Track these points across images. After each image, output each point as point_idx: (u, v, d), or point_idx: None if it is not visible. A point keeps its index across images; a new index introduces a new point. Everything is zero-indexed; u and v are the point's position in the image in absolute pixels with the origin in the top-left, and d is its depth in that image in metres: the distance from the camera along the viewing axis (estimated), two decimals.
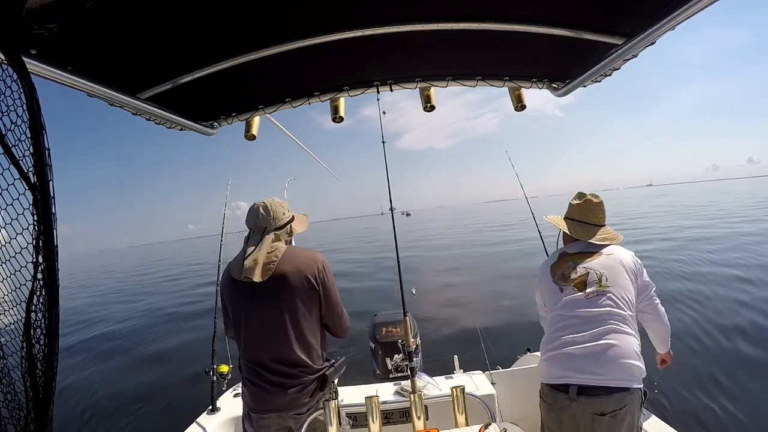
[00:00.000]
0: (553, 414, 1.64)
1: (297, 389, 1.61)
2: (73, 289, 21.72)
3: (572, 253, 1.81)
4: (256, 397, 1.65)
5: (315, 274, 1.64)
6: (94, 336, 9.58)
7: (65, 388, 5.95)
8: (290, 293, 1.61)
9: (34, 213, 0.66)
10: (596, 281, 1.66)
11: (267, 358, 1.62)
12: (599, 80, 1.69)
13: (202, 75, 1.47)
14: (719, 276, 8.51)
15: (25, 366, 0.69)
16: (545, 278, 1.83)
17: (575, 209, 1.93)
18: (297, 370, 1.62)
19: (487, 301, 8.83)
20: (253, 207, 1.74)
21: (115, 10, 1.01)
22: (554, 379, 1.63)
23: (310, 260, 1.67)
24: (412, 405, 1.67)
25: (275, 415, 1.63)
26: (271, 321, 1.62)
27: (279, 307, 1.61)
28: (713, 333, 5.52)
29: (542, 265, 1.91)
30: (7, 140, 0.68)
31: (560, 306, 1.71)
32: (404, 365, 3.00)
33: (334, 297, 1.72)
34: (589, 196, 1.92)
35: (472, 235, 28.72)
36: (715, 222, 19.20)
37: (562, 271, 1.77)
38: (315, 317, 1.67)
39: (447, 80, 1.81)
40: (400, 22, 1.35)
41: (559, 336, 1.66)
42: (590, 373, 1.51)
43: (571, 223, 1.91)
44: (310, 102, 1.88)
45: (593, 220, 1.88)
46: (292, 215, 1.80)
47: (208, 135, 1.97)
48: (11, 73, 0.68)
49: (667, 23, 1.11)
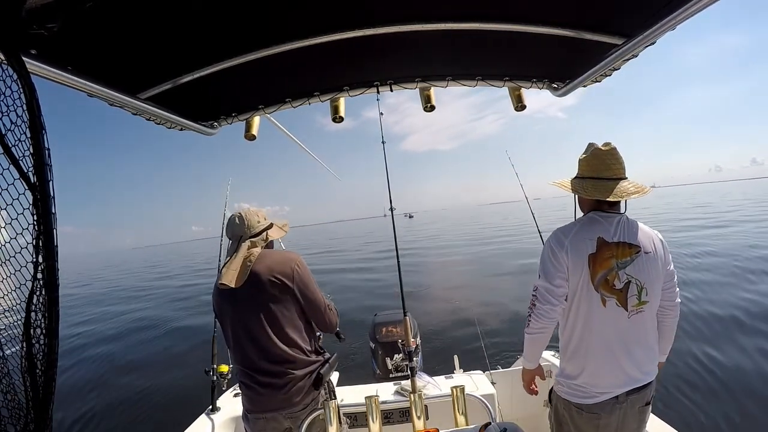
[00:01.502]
0: (598, 422, 1.53)
1: (287, 387, 1.64)
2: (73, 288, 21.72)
3: (612, 244, 1.52)
4: (249, 398, 1.70)
5: (289, 273, 1.67)
6: (93, 335, 9.59)
7: (65, 388, 5.95)
8: (264, 292, 1.65)
9: (34, 213, 0.66)
10: (636, 294, 1.51)
11: (254, 359, 1.66)
12: (599, 80, 1.69)
13: (202, 75, 1.47)
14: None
15: (24, 365, 0.69)
16: (579, 268, 1.51)
17: (584, 165, 1.63)
18: (284, 366, 1.64)
19: (487, 301, 8.82)
20: (230, 218, 1.80)
21: (115, 10, 1.01)
22: (598, 397, 1.52)
23: (284, 260, 1.71)
24: (412, 405, 1.67)
25: (269, 415, 1.67)
26: (251, 322, 1.66)
27: (256, 307, 1.66)
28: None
29: (572, 238, 1.54)
30: (7, 140, 0.68)
31: (601, 320, 1.51)
32: (404, 365, 3.00)
33: (313, 295, 1.73)
34: (596, 146, 1.62)
35: (474, 237, 28.72)
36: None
37: (604, 273, 1.50)
38: (295, 313, 1.70)
39: (447, 80, 1.81)
40: (400, 22, 1.35)
41: (596, 359, 1.52)
42: (635, 380, 1.54)
43: (582, 182, 1.60)
44: (310, 102, 1.88)
45: (607, 173, 1.56)
46: (270, 223, 1.84)
47: (209, 135, 1.97)
48: (11, 73, 0.68)
49: (667, 23, 1.11)
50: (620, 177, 1.57)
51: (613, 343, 1.50)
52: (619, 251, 1.51)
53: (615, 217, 1.57)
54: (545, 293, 1.53)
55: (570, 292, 1.54)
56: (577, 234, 1.55)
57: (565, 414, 1.61)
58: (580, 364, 1.55)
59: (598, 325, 1.51)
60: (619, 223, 1.56)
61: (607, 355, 1.51)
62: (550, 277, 1.54)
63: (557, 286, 1.53)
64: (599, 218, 1.58)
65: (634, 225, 1.58)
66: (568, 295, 1.55)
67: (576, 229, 1.57)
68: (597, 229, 1.55)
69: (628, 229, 1.55)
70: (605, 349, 1.51)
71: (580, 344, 1.55)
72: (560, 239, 1.56)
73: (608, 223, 1.56)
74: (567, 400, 1.59)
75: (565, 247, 1.53)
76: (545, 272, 1.55)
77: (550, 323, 1.55)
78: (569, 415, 1.59)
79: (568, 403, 1.58)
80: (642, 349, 1.54)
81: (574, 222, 1.63)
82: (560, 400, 1.63)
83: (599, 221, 1.57)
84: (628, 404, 1.52)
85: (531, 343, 1.62)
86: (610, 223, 1.56)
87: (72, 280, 28.47)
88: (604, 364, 1.51)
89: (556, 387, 1.68)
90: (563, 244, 1.54)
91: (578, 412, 1.55)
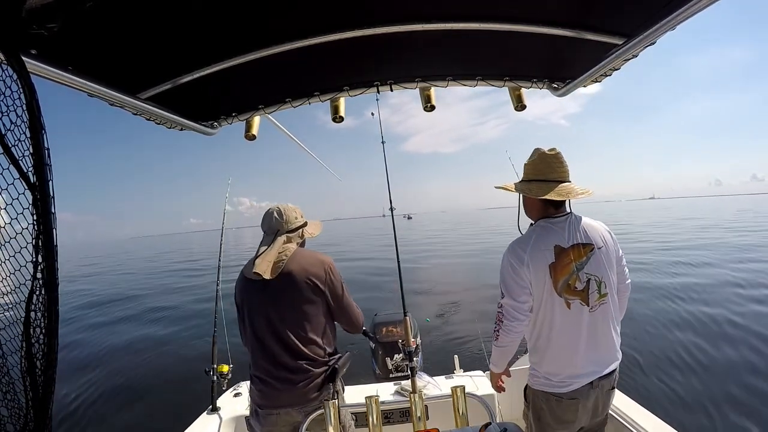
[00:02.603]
0: (577, 406, 1.60)
1: (305, 383, 1.65)
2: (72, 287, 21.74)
3: (568, 249, 1.57)
4: (264, 393, 1.69)
5: (322, 276, 1.70)
6: (91, 334, 9.59)
7: (64, 388, 5.95)
8: (296, 291, 1.66)
9: (33, 213, 0.66)
10: (597, 290, 1.59)
11: (275, 354, 1.67)
12: (599, 80, 1.69)
13: (202, 75, 1.47)
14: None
15: (24, 365, 0.69)
16: (542, 279, 1.56)
17: (530, 168, 1.67)
18: (304, 362, 1.66)
19: (487, 301, 8.84)
20: (267, 211, 1.83)
21: (115, 10, 1.01)
22: (575, 384, 1.59)
23: (318, 262, 1.74)
24: (412, 405, 1.67)
25: (283, 411, 1.67)
26: (278, 318, 1.67)
27: (286, 303, 1.67)
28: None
29: (530, 252, 1.57)
30: (7, 140, 0.68)
31: (567, 321, 1.57)
32: (404, 365, 3.01)
33: (343, 299, 1.77)
34: (542, 150, 1.66)
35: (473, 238, 28.73)
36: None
37: (566, 279, 1.56)
38: (322, 314, 1.72)
39: (447, 80, 1.81)
40: (400, 22, 1.35)
41: (567, 353, 1.60)
42: (604, 367, 1.63)
43: (528, 184, 1.65)
44: (310, 102, 1.88)
45: (552, 175, 1.61)
46: (305, 221, 1.88)
47: (209, 135, 1.98)
48: (11, 73, 0.68)
49: (667, 23, 1.11)
50: (564, 180, 1.63)
51: (581, 338, 1.58)
52: (575, 253, 1.58)
53: (564, 220, 1.63)
54: (511, 310, 1.58)
55: (535, 302, 1.60)
56: (534, 246, 1.59)
57: (544, 406, 1.67)
58: (553, 361, 1.63)
59: (565, 325, 1.58)
60: (569, 225, 1.62)
61: (579, 350, 1.58)
62: (514, 294, 1.58)
63: (522, 302, 1.58)
64: (551, 225, 1.63)
65: (583, 222, 1.65)
66: (533, 306, 1.61)
67: (532, 241, 1.61)
68: (551, 237, 1.59)
69: (578, 229, 1.62)
70: (575, 344, 1.58)
71: (548, 344, 1.62)
72: (519, 255, 1.60)
73: (560, 228, 1.61)
74: (545, 391, 1.65)
75: (526, 262, 1.57)
76: (509, 290, 1.60)
77: (518, 336, 1.62)
78: (548, 407, 1.65)
79: (547, 395, 1.64)
80: (607, 338, 1.63)
81: (528, 233, 1.67)
82: (538, 394, 1.69)
83: (552, 228, 1.62)
84: (599, 388, 1.62)
85: (500, 354, 1.71)
86: (562, 227, 1.61)
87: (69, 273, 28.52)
88: (577, 359, 1.59)
89: (531, 381, 1.74)
90: (523, 259, 1.58)
91: (557, 401, 1.62)
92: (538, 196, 1.60)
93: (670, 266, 11.62)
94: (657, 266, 11.59)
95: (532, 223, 1.73)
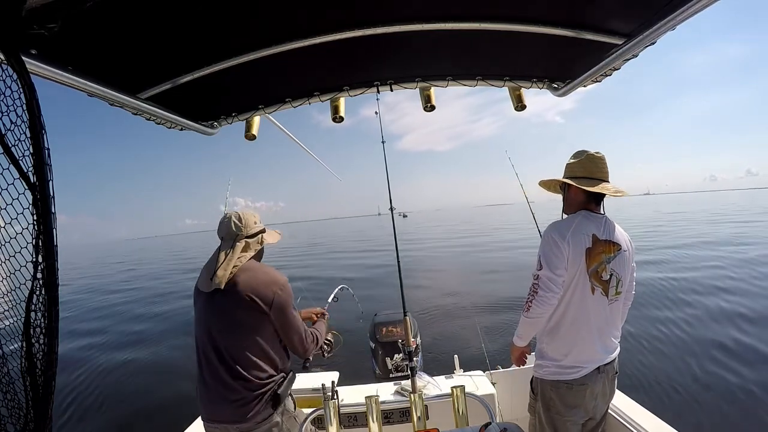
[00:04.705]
0: (586, 391, 1.70)
1: (238, 403, 1.58)
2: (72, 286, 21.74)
3: (602, 241, 1.69)
4: (205, 405, 1.64)
5: (268, 297, 1.61)
6: (91, 335, 9.59)
7: (64, 388, 5.95)
8: (238, 308, 1.60)
9: (33, 212, 0.66)
10: (615, 286, 1.71)
11: (216, 368, 1.60)
12: (599, 80, 1.69)
13: (202, 75, 1.47)
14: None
15: (24, 365, 0.69)
16: (578, 259, 1.66)
17: (577, 166, 1.77)
18: (239, 383, 1.58)
19: (486, 301, 8.84)
20: (224, 217, 1.74)
21: (115, 10, 1.01)
22: (585, 369, 1.70)
23: (268, 281, 1.64)
24: (412, 405, 1.67)
25: (221, 426, 1.61)
26: (218, 332, 1.61)
27: (227, 319, 1.61)
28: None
29: (572, 232, 1.67)
30: (7, 140, 0.68)
31: (590, 305, 1.68)
32: (404, 365, 3.01)
33: (290, 322, 1.67)
34: (589, 152, 1.78)
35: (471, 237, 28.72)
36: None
37: (596, 266, 1.67)
38: (265, 334, 1.64)
39: (447, 80, 1.81)
40: (400, 22, 1.35)
41: (582, 335, 1.70)
42: (610, 354, 1.77)
43: (577, 180, 1.74)
44: (310, 102, 1.88)
45: (598, 174, 1.73)
46: (264, 227, 1.80)
47: (208, 135, 1.97)
48: (11, 73, 0.68)
49: (667, 23, 1.11)
50: (607, 180, 1.76)
51: (597, 325, 1.71)
52: (606, 248, 1.71)
53: (602, 218, 1.77)
54: (548, 282, 1.65)
55: (567, 280, 1.68)
56: (576, 229, 1.70)
57: (553, 395, 1.74)
58: (568, 344, 1.71)
59: (586, 308, 1.69)
60: (605, 223, 1.76)
61: (594, 335, 1.71)
62: (552, 266, 1.65)
63: (559, 275, 1.65)
64: (591, 217, 1.75)
65: (615, 226, 1.78)
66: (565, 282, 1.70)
67: (575, 224, 1.71)
68: (591, 226, 1.72)
69: (611, 229, 1.75)
70: (593, 329, 1.70)
71: (571, 326, 1.71)
72: (562, 232, 1.69)
73: (598, 222, 1.74)
74: (555, 380, 1.74)
75: (567, 239, 1.67)
76: (548, 262, 1.67)
77: (549, 309, 1.68)
78: (558, 395, 1.73)
79: (557, 383, 1.73)
80: (614, 330, 1.79)
81: (570, 217, 1.77)
82: (546, 383, 1.77)
83: (592, 219, 1.74)
84: (605, 373, 1.75)
85: (528, 326, 1.76)
86: (600, 222, 1.74)
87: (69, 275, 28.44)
88: (590, 343, 1.70)
89: (539, 373, 1.80)
90: (565, 236, 1.67)
91: (568, 388, 1.71)
92: (588, 188, 1.71)
93: (669, 264, 11.63)
94: (657, 264, 11.61)
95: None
